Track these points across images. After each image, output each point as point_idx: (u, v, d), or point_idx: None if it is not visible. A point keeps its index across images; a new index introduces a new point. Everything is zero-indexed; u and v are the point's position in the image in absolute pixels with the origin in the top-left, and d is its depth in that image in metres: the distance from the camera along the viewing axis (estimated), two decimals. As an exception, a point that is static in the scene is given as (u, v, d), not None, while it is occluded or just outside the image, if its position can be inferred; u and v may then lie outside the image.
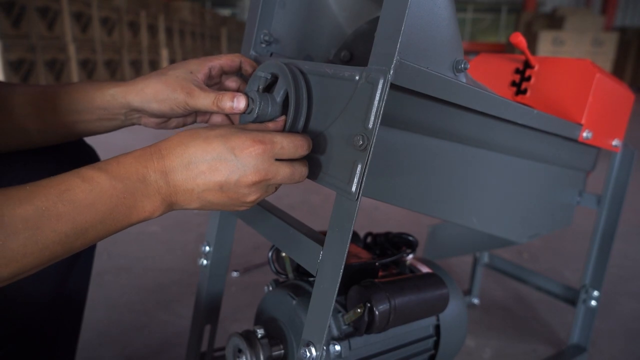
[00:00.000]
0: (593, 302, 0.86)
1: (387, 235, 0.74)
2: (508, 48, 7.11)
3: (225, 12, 11.50)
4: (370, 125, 0.40)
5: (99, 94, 0.51)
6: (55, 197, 0.34)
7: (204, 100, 0.49)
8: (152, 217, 0.40)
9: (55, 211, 0.34)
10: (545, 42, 5.58)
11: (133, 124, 0.56)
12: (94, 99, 0.51)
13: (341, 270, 0.43)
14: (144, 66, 5.90)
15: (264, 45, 0.60)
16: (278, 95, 0.49)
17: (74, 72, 4.48)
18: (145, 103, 0.50)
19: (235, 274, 1.31)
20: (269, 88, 0.52)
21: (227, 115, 0.58)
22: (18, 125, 0.52)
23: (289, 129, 0.47)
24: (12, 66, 3.65)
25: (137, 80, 0.51)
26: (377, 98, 0.40)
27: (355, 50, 0.64)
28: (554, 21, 6.37)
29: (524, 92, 0.79)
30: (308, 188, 2.18)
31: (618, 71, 5.85)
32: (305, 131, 0.48)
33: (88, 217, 0.36)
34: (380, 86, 0.39)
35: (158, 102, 0.50)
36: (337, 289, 0.43)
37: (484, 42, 11.06)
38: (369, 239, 0.75)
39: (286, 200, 2.02)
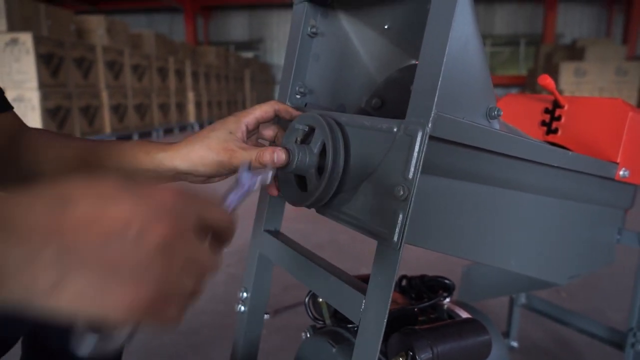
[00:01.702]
0: (642, 346, 0.82)
1: (422, 278, 0.73)
2: (529, 80, 7.11)
3: (249, 54, 11.94)
4: (411, 176, 0.41)
5: (148, 158, 0.53)
6: None
7: (247, 159, 0.51)
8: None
9: None
10: (567, 73, 5.56)
11: (177, 180, 0.58)
12: (142, 162, 0.53)
13: (385, 320, 0.43)
14: (171, 109, 6.12)
15: (298, 97, 0.62)
16: (315, 146, 0.51)
17: (107, 117, 4.68)
18: (192, 167, 0.52)
19: (266, 316, 1.30)
20: (305, 139, 0.53)
21: None
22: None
23: (328, 179, 0.48)
24: (50, 113, 3.84)
25: (181, 144, 0.53)
26: (416, 150, 0.41)
27: (387, 97, 0.66)
28: (575, 52, 6.36)
29: (555, 131, 0.79)
30: (335, 227, 2.18)
31: (644, 100, 5.77)
32: (343, 181, 0.49)
33: None
34: (419, 138, 0.41)
35: (204, 166, 0.52)
36: (381, 338, 0.43)
37: (503, 75, 11.10)
38: (403, 282, 0.75)
39: (314, 239, 2.02)
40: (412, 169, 0.41)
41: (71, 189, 0.27)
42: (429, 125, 0.40)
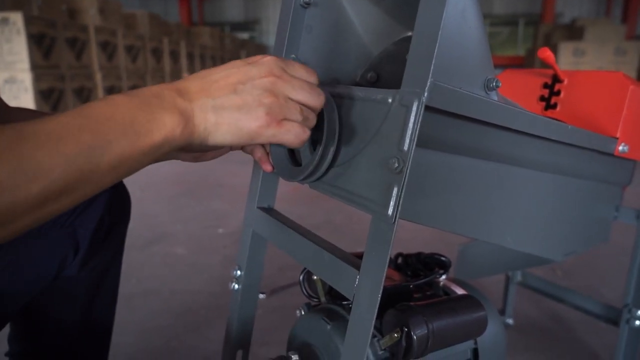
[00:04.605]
0: (637, 322, 0.82)
1: (418, 255, 0.73)
2: (527, 60, 7.05)
3: (244, 35, 11.77)
4: (406, 148, 0.40)
5: None
6: (75, 113, 0.35)
7: None
8: (174, 136, 0.39)
9: (75, 123, 0.34)
10: (566, 53, 5.50)
11: (170, 159, 0.56)
12: None
13: (379, 295, 0.42)
14: (166, 91, 6.03)
15: (291, 70, 0.61)
16: None
17: (101, 99, 4.61)
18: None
19: (261, 295, 1.30)
20: None
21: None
22: None
23: (322, 152, 0.47)
24: (43, 95, 3.79)
25: None
26: (411, 120, 0.39)
27: (382, 71, 0.64)
28: (574, 32, 6.28)
29: (554, 106, 0.77)
30: (331, 208, 2.17)
31: (643, 80, 5.72)
32: (337, 155, 0.48)
33: (109, 128, 0.35)
34: (414, 108, 0.39)
35: None
36: (375, 314, 0.42)
37: (502, 55, 10.98)
38: (399, 260, 0.74)
39: (310, 221, 2.01)
40: (407, 141, 0.40)
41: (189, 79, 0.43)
42: (425, 94, 0.39)
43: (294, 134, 0.43)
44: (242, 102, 0.41)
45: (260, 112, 0.41)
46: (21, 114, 0.60)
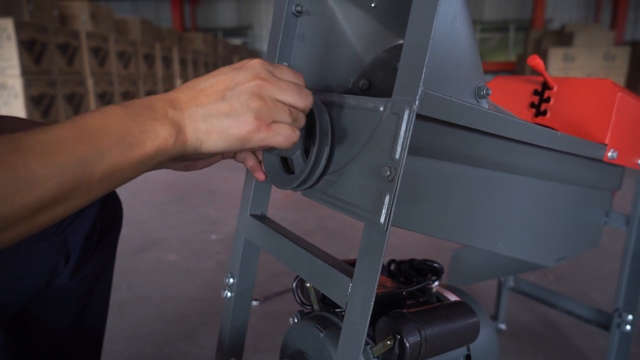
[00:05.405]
0: (628, 327, 0.83)
1: (411, 262, 0.73)
2: (518, 66, 7.12)
3: (237, 41, 11.78)
4: (397, 156, 0.40)
5: None
6: (69, 124, 0.36)
7: None
8: (167, 146, 0.39)
9: (70, 135, 0.35)
10: (556, 58, 5.56)
11: (161, 169, 0.56)
12: None
13: (372, 303, 0.42)
14: (159, 96, 6.00)
15: (284, 77, 0.61)
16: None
17: (92, 105, 4.59)
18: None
19: (255, 302, 1.29)
20: None
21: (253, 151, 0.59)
22: None
23: (316, 153, 0.46)
24: (34, 101, 3.76)
25: None
26: (403, 128, 0.40)
27: (374, 78, 0.64)
28: (563, 38, 6.36)
29: (544, 113, 0.78)
30: (324, 214, 2.17)
31: (631, 85, 5.80)
32: (329, 163, 0.48)
33: (102, 140, 0.36)
34: (406, 117, 0.39)
35: None
36: (368, 322, 0.42)
37: (493, 61, 11.07)
38: (392, 267, 0.74)
39: (303, 227, 2.01)
40: (399, 149, 0.40)
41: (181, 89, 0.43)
42: (416, 103, 0.39)
43: (284, 136, 0.44)
44: (231, 109, 0.41)
45: (249, 116, 0.42)
46: (10, 122, 0.60)
